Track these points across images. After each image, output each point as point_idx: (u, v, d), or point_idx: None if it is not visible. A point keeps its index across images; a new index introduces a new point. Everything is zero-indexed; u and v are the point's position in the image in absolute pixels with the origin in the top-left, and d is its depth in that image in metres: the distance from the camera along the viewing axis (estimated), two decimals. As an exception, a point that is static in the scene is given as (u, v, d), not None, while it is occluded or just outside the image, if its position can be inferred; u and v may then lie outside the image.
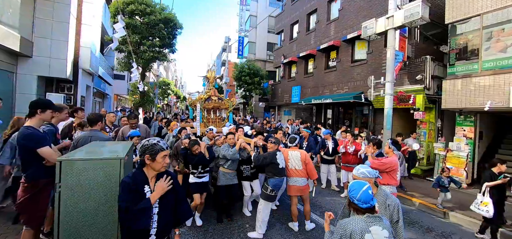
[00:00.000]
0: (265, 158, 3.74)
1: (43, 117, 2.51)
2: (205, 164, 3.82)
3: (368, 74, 9.01)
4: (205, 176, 3.91)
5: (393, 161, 3.61)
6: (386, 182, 3.60)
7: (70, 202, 1.92)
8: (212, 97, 5.90)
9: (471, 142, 7.32)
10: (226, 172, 4.06)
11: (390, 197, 2.09)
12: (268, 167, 3.75)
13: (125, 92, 18.72)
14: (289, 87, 15.56)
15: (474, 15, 6.80)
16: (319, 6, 13.31)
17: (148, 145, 1.76)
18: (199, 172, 3.82)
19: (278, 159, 3.74)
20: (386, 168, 3.58)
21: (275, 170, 3.71)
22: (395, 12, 6.26)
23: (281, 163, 3.76)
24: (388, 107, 6.46)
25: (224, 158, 4.00)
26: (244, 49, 23.84)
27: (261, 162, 3.76)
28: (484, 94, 6.44)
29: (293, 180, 3.87)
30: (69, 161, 1.94)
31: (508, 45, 6.21)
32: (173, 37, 12.28)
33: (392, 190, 3.58)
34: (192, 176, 3.85)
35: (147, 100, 13.57)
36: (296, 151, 3.94)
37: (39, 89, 7.85)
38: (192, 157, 3.74)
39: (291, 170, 3.86)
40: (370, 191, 1.65)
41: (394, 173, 3.59)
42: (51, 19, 7.77)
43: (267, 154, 3.78)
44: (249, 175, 4.33)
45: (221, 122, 5.97)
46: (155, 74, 33.28)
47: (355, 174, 2.09)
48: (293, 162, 3.87)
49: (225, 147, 4.05)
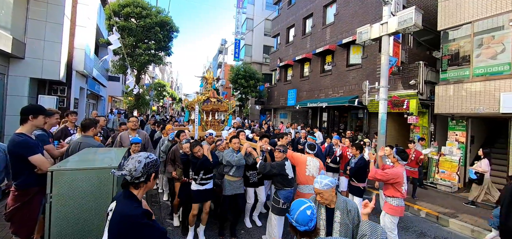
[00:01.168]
0: (273, 168, 3.43)
1: (35, 124, 2.47)
2: (208, 168, 3.46)
3: (363, 79, 9.12)
4: (208, 183, 3.53)
5: (398, 172, 3.31)
6: (390, 194, 3.36)
7: (62, 212, 1.89)
8: (210, 99, 5.58)
9: (463, 146, 7.46)
10: (232, 180, 3.74)
11: (350, 202, 2.06)
12: (276, 177, 3.47)
13: (119, 94, 18.54)
14: (285, 91, 15.63)
15: (465, 23, 6.96)
16: (315, 10, 13.44)
17: (153, 162, 1.45)
18: (201, 178, 3.43)
19: (287, 169, 3.44)
20: (389, 179, 3.31)
21: (285, 181, 3.42)
22: (389, 19, 6.36)
23: (290, 173, 3.47)
24: (382, 112, 6.53)
25: (229, 164, 3.68)
26: (240, 52, 23.87)
27: (268, 172, 3.46)
28: (475, 100, 6.58)
29: (309, 188, 3.50)
30: (60, 171, 1.91)
31: (498, 52, 6.36)
32: (169, 40, 12.22)
33: (398, 203, 3.36)
34: (194, 182, 3.48)
35: (142, 103, 13.45)
36: (315, 159, 3.64)
37: (31, 91, 7.72)
38: (194, 160, 3.40)
39: (307, 177, 3.52)
40: (309, 211, 1.45)
41: (399, 185, 3.30)
42: (44, 20, 7.67)
43: (275, 164, 3.46)
44: (256, 181, 4.03)
45: (219, 125, 5.71)
46: (151, 76, 33.05)
47: (318, 187, 1.98)
48: (311, 170, 3.58)
49: (229, 153, 3.73)
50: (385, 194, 3.46)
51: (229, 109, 5.82)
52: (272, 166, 3.45)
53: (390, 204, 3.39)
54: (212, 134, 4.57)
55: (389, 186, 3.37)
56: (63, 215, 1.89)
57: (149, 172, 1.42)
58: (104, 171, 1.97)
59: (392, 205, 3.37)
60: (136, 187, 1.41)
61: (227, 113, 5.85)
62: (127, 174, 1.38)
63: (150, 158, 1.44)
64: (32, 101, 7.71)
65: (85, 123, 3.12)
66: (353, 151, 4.60)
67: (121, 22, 10.74)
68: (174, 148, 4.25)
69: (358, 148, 4.51)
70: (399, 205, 3.36)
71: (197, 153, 3.35)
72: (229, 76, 17.61)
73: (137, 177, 1.39)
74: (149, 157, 1.45)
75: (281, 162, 3.46)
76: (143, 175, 1.40)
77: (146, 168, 1.41)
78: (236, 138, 3.93)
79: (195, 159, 3.39)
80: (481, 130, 8.39)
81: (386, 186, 3.41)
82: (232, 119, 6.95)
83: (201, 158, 3.40)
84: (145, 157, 1.43)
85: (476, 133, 8.03)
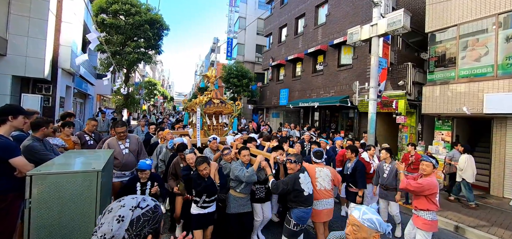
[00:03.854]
0: (286, 185, 2.92)
1: (15, 125, 2.36)
2: (212, 191, 2.93)
3: (354, 79, 9.25)
4: (211, 206, 3.01)
5: (433, 181, 2.93)
6: (424, 207, 2.94)
7: (42, 218, 1.81)
8: (213, 100, 4.96)
9: (448, 145, 7.69)
10: (238, 196, 3.26)
11: None
12: (289, 195, 2.95)
13: (108, 92, 18.07)
14: (277, 90, 15.66)
15: (451, 25, 7.16)
16: (307, 10, 13.52)
17: (150, 214, 0.87)
18: (203, 201, 2.94)
19: (302, 183, 2.90)
20: (424, 190, 2.89)
21: (300, 198, 2.89)
22: (379, 20, 6.48)
23: (307, 189, 2.92)
24: (371, 112, 6.65)
25: (237, 179, 3.19)
26: (233, 51, 23.76)
27: (281, 191, 2.94)
28: (460, 100, 6.79)
29: (323, 203, 3.12)
30: (40, 175, 1.83)
31: (482, 55, 6.58)
32: (159, 39, 12.00)
33: (433, 217, 2.96)
34: (195, 205, 2.98)
35: (131, 102, 13.16)
36: (325, 168, 3.25)
37: (14, 89, 7.42)
38: (197, 181, 2.87)
39: (319, 191, 3.12)
40: None
41: (434, 197, 2.93)
42: (27, 16, 7.37)
43: (287, 180, 2.95)
44: (263, 197, 3.57)
45: (223, 130, 5.17)
46: (141, 74, 32.42)
47: (356, 217, 1.35)
48: (322, 181, 3.15)
49: (237, 166, 3.22)
50: (417, 207, 3.02)
51: (234, 112, 5.28)
52: (284, 183, 2.95)
53: (424, 218, 2.96)
54: (215, 138, 4.13)
55: (422, 197, 2.94)
56: (43, 221, 1.81)
57: (141, 233, 0.83)
58: (87, 174, 1.90)
59: (426, 220, 2.95)
60: None
61: (232, 117, 5.30)
62: None
63: (141, 208, 0.86)
64: (15, 100, 7.40)
65: (35, 121, 2.77)
66: (349, 155, 4.36)
67: (109, 19, 10.45)
68: (175, 161, 3.73)
69: (353, 151, 4.31)
70: (433, 219, 2.96)
71: (203, 172, 2.83)
72: (222, 75, 17.51)
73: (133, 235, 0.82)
74: (140, 206, 0.86)
75: (294, 175, 2.94)
76: (136, 235, 0.82)
77: (135, 228, 0.82)
78: (246, 150, 3.39)
79: (200, 179, 2.87)
80: (466, 130, 8.68)
81: (418, 198, 2.99)
82: (237, 123, 6.25)
83: (206, 178, 2.87)
84: (132, 207, 0.85)
85: (461, 132, 8.30)
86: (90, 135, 4.22)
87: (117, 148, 3.51)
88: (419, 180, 3.02)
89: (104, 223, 0.82)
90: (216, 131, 4.94)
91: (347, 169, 4.34)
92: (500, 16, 6.25)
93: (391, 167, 4.25)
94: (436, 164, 3.10)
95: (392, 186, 4.19)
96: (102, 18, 10.32)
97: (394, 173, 4.17)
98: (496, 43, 6.27)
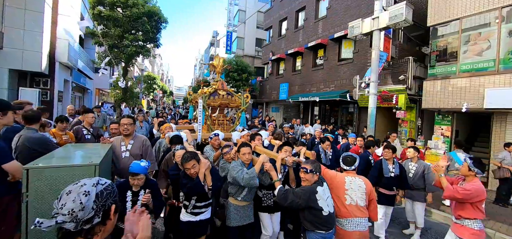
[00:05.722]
0: (298, 199, 2.27)
1: (5, 122, 2.29)
2: (201, 194, 2.46)
3: (354, 73, 9.19)
4: (204, 212, 2.54)
5: (480, 187, 2.61)
6: (471, 216, 2.60)
7: (39, 211, 1.80)
8: (218, 91, 4.47)
9: (448, 140, 7.69)
10: (240, 205, 2.70)
11: None
12: (303, 212, 2.33)
13: (107, 86, 17.96)
14: (277, 84, 15.59)
15: (454, 19, 7.08)
16: (307, 3, 13.34)
17: (109, 188, 0.99)
18: (193, 206, 2.47)
19: (320, 199, 2.24)
20: (472, 198, 2.56)
21: (317, 218, 2.23)
22: (380, 14, 6.39)
23: (327, 207, 2.26)
24: (372, 106, 6.62)
25: (235, 183, 2.61)
26: (232, 45, 23.53)
27: (290, 204, 2.31)
28: (461, 95, 6.75)
29: (354, 223, 2.42)
30: (37, 169, 1.80)
31: (484, 49, 6.52)
32: (158, 32, 11.87)
33: (481, 226, 2.62)
34: (184, 210, 2.51)
35: (130, 96, 13.09)
36: (357, 178, 2.54)
37: (11, 83, 7.35)
38: (183, 181, 2.42)
39: (349, 208, 2.43)
40: None
41: (481, 203, 2.63)
42: (23, 8, 7.25)
43: (300, 192, 2.29)
44: (272, 205, 2.91)
45: (229, 125, 4.69)
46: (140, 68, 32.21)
47: None
48: (353, 195, 2.45)
49: (236, 166, 2.62)
50: (462, 216, 2.67)
51: (242, 105, 4.69)
52: (296, 196, 2.30)
53: (472, 228, 2.61)
54: (217, 134, 3.65)
55: (468, 205, 2.62)
56: (41, 215, 1.79)
57: (106, 204, 0.94)
58: (85, 169, 1.88)
59: (474, 230, 2.61)
60: (87, 237, 0.91)
61: (240, 110, 4.76)
62: (66, 220, 0.87)
63: (101, 184, 0.97)
64: (13, 94, 7.35)
65: (27, 114, 2.65)
66: (388, 155, 3.90)
67: (106, 11, 10.30)
68: (167, 157, 3.24)
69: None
70: (481, 229, 2.63)
71: (190, 170, 2.37)
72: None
73: (89, 220, 0.89)
74: (100, 183, 0.97)
75: (310, 188, 2.29)
76: (97, 213, 0.91)
77: (100, 200, 0.93)
78: (247, 147, 2.78)
79: (186, 178, 2.40)
80: (465, 124, 8.67)
81: (463, 206, 2.65)
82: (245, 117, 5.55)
83: (194, 178, 2.39)
84: (93, 184, 0.95)
85: (461, 127, 8.29)
86: (88, 129, 4.01)
87: (117, 149, 2.96)
88: (466, 186, 2.63)
89: (67, 202, 0.88)
90: (221, 126, 4.46)
91: (386, 171, 3.83)
92: (503, 9, 6.16)
93: (417, 167, 4.03)
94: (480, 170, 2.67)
95: (419, 186, 3.97)
96: (99, 11, 10.16)
97: (421, 173, 3.96)
98: (499, 37, 6.21)
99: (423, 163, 4.11)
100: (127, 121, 3.04)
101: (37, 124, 2.70)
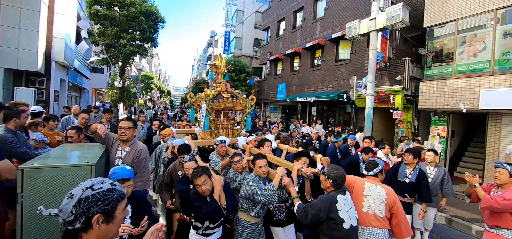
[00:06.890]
0: (317, 211, 2.05)
1: None
2: (218, 217, 2.22)
3: (352, 74, 9.24)
4: (215, 232, 2.31)
5: None
6: (510, 226, 2.43)
7: (35, 212, 1.78)
8: (222, 94, 4.20)
9: (444, 140, 7.77)
10: (252, 222, 2.47)
11: None
12: (321, 225, 2.11)
13: (104, 86, 17.84)
14: (275, 84, 15.61)
15: (450, 20, 7.15)
16: (305, 4, 13.38)
17: (99, 195, 0.94)
18: (206, 227, 2.25)
19: (341, 210, 2.04)
20: (511, 208, 2.38)
21: (337, 231, 2.02)
22: (378, 15, 6.43)
23: (349, 219, 2.04)
24: (369, 107, 6.66)
25: (251, 199, 2.38)
26: (230, 45, 23.51)
27: (311, 220, 2.08)
28: (457, 96, 6.82)
29: (370, 233, 2.22)
30: (32, 169, 1.79)
31: (479, 50, 6.60)
32: (155, 31, 11.81)
33: None
34: (194, 232, 2.28)
35: (127, 96, 13.00)
36: (378, 186, 2.32)
37: (6, 82, 7.27)
38: (195, 203, 2.14)
39: (366, 216, 2.23)
40: None
41: None
42: (18, 7, 7.18)
43: (319, 204, 2.07)
44: (284, 219, 2.67)
45: (233, 129, 4.42)
46: (137, 68, 32.04)
47: None
48: (371, 203, 2.26)
49: (252, 181, 2.38)
50: (499, 226, 2.50)
51: (247, 108, 4.43)
52: (315, 208, 2.07)
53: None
54: (224, 141, 3.39)
55: (506, 215, 2.46)
56: (36, 215, 1.78)
57: (88, 212, 0.90)
58: (81, 169, 1.87)
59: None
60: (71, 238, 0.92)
61: (245, 114, 4.48)
62: (59, 214, 0.91)
63: (93, 190, 0.93)
64: (8, 93, 7.27)
65: (5, 113, 2.49)
66: (409, 159, 3.64)
67: (103, 10, 10.23)
68: (171, 167, 2.95)
69: (416, 156, 3.68)
70: None
71: (202, 187, 2.12)
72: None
73: (69, 222, 0.89)
74: (93, 188, 0.93)
75: (329, 196, 2.09)
76: (77, 219, 0.89)
77: (82, 206, 0.89)
78: (263, 159, 2.50)
79: (199, 198, 2.15)
80: (461, 125, 8.76)
81: (501, 215, 2.48)
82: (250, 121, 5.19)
83: (206, 195, 2.16)
84: (84, 188, 0.93)
85: (456, 127, 8.38)
86: None
87: (112, 152, 2.63)
88: (503, 194, 2.45)
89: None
90: (226, 131, 4.18)
91: (401, 174, 3.61)
92: (498, 11, 6.24)
93: (437, 171, 3.84)
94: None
95: (434, 192, 3.77)
96: (96, 10, 10.09)
97: (441, 179, 3.79)
98: (494, 39, 6.28)
99: (443, 169, 3.92)
100: (126, 124, 2.63)
101: (11, 123, 2.55)
